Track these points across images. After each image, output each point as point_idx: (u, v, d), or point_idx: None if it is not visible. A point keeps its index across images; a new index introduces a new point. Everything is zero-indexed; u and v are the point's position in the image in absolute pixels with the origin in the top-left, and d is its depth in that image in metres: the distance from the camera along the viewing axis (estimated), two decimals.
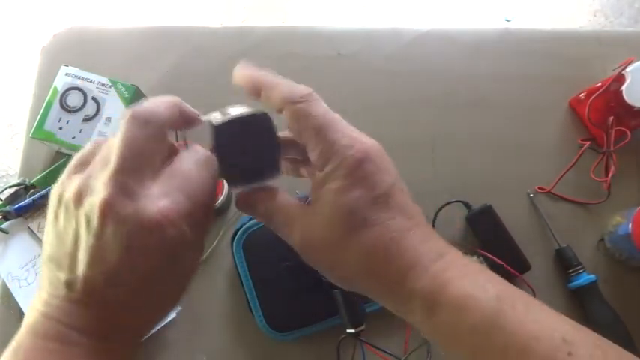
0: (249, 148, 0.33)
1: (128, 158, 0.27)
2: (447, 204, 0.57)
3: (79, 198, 0.27)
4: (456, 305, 0.27)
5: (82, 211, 0.27)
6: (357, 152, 0.29)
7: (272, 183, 0.33)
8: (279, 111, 0.31)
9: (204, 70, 0.66)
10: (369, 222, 0.29)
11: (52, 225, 0.29)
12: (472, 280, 0.28)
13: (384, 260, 0.29)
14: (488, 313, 0.26)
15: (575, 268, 0.56)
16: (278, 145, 0.33)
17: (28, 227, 0.59)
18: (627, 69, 0.58)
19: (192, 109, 0.33)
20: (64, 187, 0.29)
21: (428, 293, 0.28)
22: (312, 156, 0.30)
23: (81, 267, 0.27)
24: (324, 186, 0.30)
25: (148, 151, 0.28)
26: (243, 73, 0.34)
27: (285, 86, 0.32)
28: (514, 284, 0.29)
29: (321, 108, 0.31)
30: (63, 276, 0.27)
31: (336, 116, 0.31)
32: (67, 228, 0.28)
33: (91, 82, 0.60)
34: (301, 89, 0.31)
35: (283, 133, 0.34)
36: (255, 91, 0.33)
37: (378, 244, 0.29)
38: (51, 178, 0.60)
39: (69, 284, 0.27)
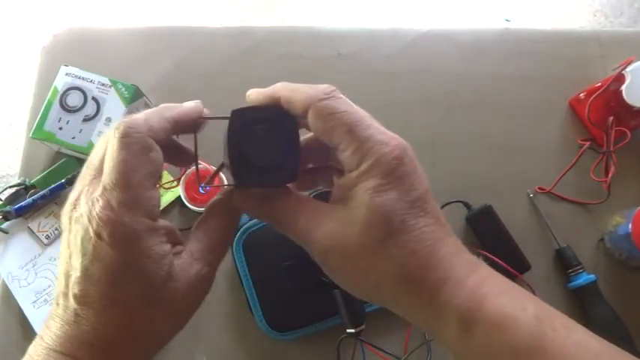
0: (267, 143, 0.30)
1: (115, 175, 0.27)
2: (447, 204, 0.57)
3: (72, 211, 0.28)
4: (494, 324, 0.26)
5: (74, 226, 0.28)
6: (394, 149, 0.28)
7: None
8: (304, 113, 0.29)
9: (204, 70, 0.66)
10: (406, 227, 0.27)
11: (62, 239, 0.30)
12: (510, 298, 0.27)
13: (419, 269, 0.27)
14: (529, 335, 0.25)
15: (575, 268, 0.56)
16: (299, 147, 0.30)
17: (28, 227, 0.59)
18: (627, 69, 0.58)
19: (190, 108, 0.32)
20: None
21: (465, 310, 0.26)
22: (345, 155, 0.28)
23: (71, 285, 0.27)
24: (359, 184, 0.28)
25: (134, 164, 0.27)
26: (257, 90, 0.32)
27: (307, 86, 0.30)
28: None
29: (348, 104, 0.29)
30: (58, 290, 0.28)
31: (364, 112, 0.29)
32: (64, 243, 0.28)
33: (91, 82, 0.60)
34: (324, 87, 0.29)
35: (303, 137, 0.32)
36: (274, 100, 0.31)
37: (415, 251, 0.27)
38: (51, 178, 0.60)
39: (61, 296, 0.28)
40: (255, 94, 0.31)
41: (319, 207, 0.30)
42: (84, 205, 0.27)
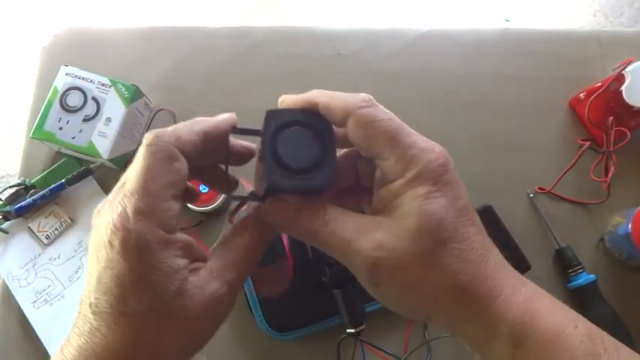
0: (304, 145, 0.28)
1: (134, 181, 0.26)
2: None
3: (95, 216, 0.28)
4: (547, 340, 0.25)
5: (94, 231, 0.27)
6: (439, 156, 0.27)
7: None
8: (343, 121, 0.28)
9: (204, 70, 0.66)
10: (458, 235, 0.26)
11: None
12: (561, 315, 0.26)
13: (472, 280, 0.26)
14: (584, 353, 0.25)
15: (575, 268, 0.56)
16: (335, 152, 0.29)
17: (28, 227, 0.59)
18: (627, 69, 0.58)
19: (221, 119, 0.30)
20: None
21: (518, 324, 0.26)
22: (387, 163, 0.27)
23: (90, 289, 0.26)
24: (406, 193, 0.27)
25: (155, 172, 0.26)
26: (291, 96, 0.30)
27: (345, 94, 0.29)
28: None
29: (388, 112, 0.28)
30: (84, 294, 0.27)
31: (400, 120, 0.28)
32: (88, 249, 0.28)
33: (91, 82, 0.60)
34: (362, 95, 0.28)
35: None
36: (311, 105, 0.29)
37: (468, 260, 0.26)
38: (51, 178, 0.60)
39: (81, 304, 0.27)
40: (290, 100, 0.30)
41: (362, 217, 0.28)
42: (106, 210, 0.27)
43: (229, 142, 0.31)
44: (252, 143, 0.32)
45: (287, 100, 0.30)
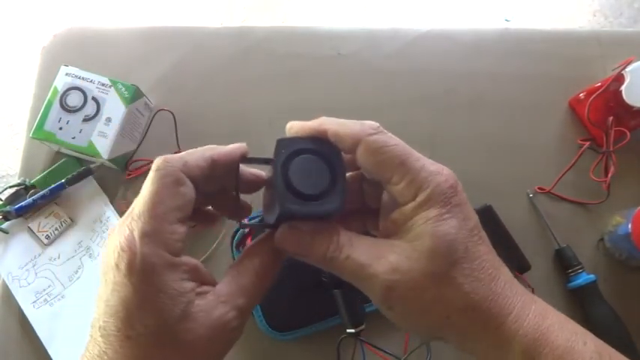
0: (315, 173, 0.29)
1: (142, 204, 0.27)
2: None
3: (108, 238, 0.29)
4: (558, 357, 0.26)
5: (104, 253, 0.28)
6: (448, 178, 0.28)
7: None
8: (352, 148, 0.29)
9: (204, 70, 0.66)
10: (470, 255, 0.27)
11: None
12: (570, 332, 0.27)
13: (484, 298, 0.27)
14: None
15: (575, 268, 0.56)
16: (345, 178, 0.30)
17: (28, 227, 0.59)
18: (627, 69, 0.58)
19: (232, 148, 0.30)
20: None
21: (530, 341, 0.27)
22: (398, 188, 0.28)
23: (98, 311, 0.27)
24: (418, 215, 0.28)
25: (162, 196, 0.27)
26: (299, 123, 0.31)
27: (354, 122, 0.30)
28: None
29: (395, 138, 0.29)
30: (95, 318, 0.27)
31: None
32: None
33: (91, 82, 0.60)
34: (370, 123, 0.29)
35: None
36: (320, 133, 0.30)
37: (479, 279, 0.27)
38: (51, 178, 0.60)
39: (92, 327, 0.27)
40: (298, 126, 0.31)
41: (374, 241, 0.29)
42: (115, 234, 0.27)
43: (240, 170, 0.31)
44: (261, 171, 0.33)
45: (295, 126, 0.31)
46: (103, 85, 0.60)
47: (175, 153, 0.29)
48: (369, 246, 0.29)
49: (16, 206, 0.58)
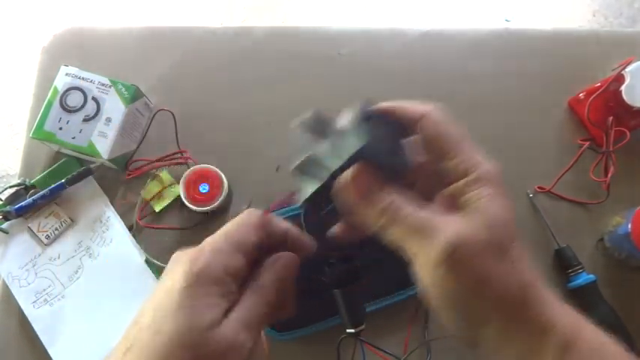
0: (387, 135, 0.32)
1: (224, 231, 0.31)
2: None
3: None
4: (594, 350, 0.27)
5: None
6: (495, 167, 0.30)
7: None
8: (417, 119, 0.32)
9: (204, 70, 0.66)
10: (515, 238, 0.29)
11: None
12: (599, 329, 0.28)
13: (530, 284, 0.28)
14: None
15: (575, 268, 0.56)
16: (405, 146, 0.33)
17: (28, 227, 0.59)
18: (627, 69, 0.58)
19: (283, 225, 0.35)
20: None
21: (568, 332, 0.27)
22: (452, 162, 0.30)
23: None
24: (471, 192, 0.29)
25: (241, 230, 0.32)
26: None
27: (415, 102, 0.33)
28: None
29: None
30: (135, 316, 0.30)
31: None
32: None
33: (91, 82, 0.60)
34: (428, 104, 0.32)
35: None
36: (387, 111, 0.33)
37: (526, 262, 0.29)
38: (51, 178, 0.60)
39: (132, 322, 0.30)
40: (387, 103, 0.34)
41: (437, 214, 0.30)
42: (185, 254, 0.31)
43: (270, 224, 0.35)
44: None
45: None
46: (103, 85, 0.60)
47: (175, 153, 0.30)
48: (430, 213, 0.29)
49: (16, 206, 0.58)
